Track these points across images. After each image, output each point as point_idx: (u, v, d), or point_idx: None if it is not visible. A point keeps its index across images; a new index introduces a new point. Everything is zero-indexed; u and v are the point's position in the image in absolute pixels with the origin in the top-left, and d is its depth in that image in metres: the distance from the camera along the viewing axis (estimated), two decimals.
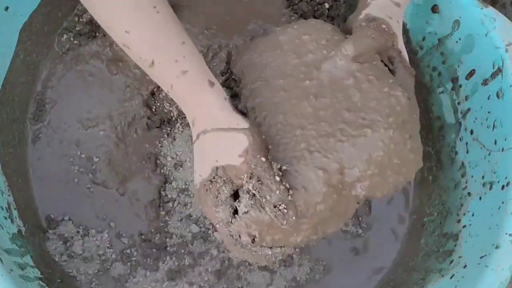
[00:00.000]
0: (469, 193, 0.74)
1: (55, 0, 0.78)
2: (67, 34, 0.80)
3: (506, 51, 0.69)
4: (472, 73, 0.74)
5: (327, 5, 0.84)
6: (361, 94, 0.62)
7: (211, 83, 0.58)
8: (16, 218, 0.71)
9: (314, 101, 0.62)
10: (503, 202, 0.66)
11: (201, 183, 0.59)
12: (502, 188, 0.67)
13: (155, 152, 0.76)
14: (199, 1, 0.80)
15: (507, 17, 0.72)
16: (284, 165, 0.58)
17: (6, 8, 0.71)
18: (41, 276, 0.68)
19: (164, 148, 0.76)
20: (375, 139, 0.60)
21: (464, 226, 0.72)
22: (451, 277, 0.68)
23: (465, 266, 0.67)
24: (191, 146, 0.75)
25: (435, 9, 0.76)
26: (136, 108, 0.77)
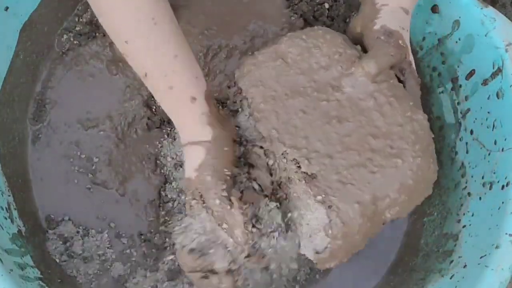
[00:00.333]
0: (469, 193, 0.74)
1: (55, 0, 0.78)
2: (67, 34, 0.80)
3: (506, 51, 0.69)
4: (472, 73, 0.74)
5: (327, 5, 0.84)
6: (384, 119, 0.62)
7: (193, 99, 0.59)
8: (16, 218, 0.71)
9: (338, 126, 0.61)
10: (503, 202, 0.66)
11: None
12: (502, 188, 0.67)
13: (155, 153, 0.76)
14: (199, 1, 0.80)
15: (507, 17, 0.72)
16: (318, 195, 0.59)
17: (6, 8, 0.71)
18: (41, 276, 0.68)
19: (164, 148, 0.76)
20: (404, 169, 0.60)
21: (464, 226, 0.72)
22: (451, 277, 0.68)
23: (465, 266, 0.67)
24: None
25: (435, 9, 0.76)
26: (136, 109, 0.77)
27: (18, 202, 0.72)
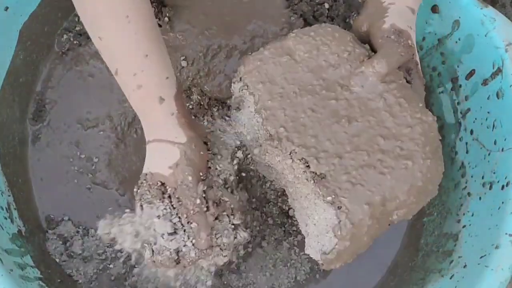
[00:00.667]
0: (469, 193, 0.74)
1: (55, 0, 0.78)
2: (67, 34, 0.80)
3: (506, 51, 0.69)
4: (472, 73, 0.74)
5: (327, 5, 0.84)
6: (393, 119, 0.61)
7: (161, 99, 0.59)
8: (16, 218, 0.71)
9: (347, 126, 0.61)
10: (503, 202, 0.66)
11: (136, 184, 0.62)
12: (502, 188, 0.67)
13: None
14: (199, 1, 0.80)
15: (507, 17, 0.72)
16: (328, 196, 0.59)
17: (6, 8, 0.71)
18: (41, 276, 0.68)
19: None
20: (414, 170, 0.60)
21: (464, 226, 0.72)
22: (451, 277, 0.68)
23: (465, 266, 0.67)
24: None
25: (435, 9, 0.76)
26: None
27: (18, 202, 0.72)
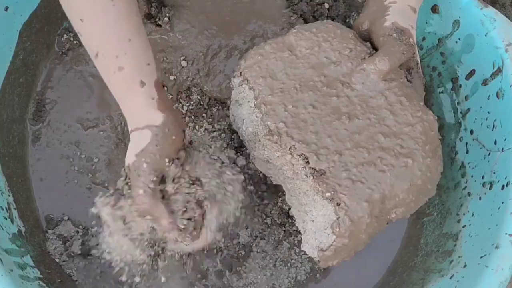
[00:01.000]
0: (469, 193, 0.74)
1: (55, 0, 0.78)
2: (67, 34, 0.80)
3: (506, 51, 0.69)
4: (472, 73, 0.74)
5: (326, 5, 0.84)
6: (394, 117, 0.61)
7: (142, 83, 0.58)
8: (16, 218, 0.71)
9: (348, 123, 0.61)
10: (503, 202, 0.66)
11: (120, 183, 0.61)
12: (502, 188, 0.67)
13: None
14: (199, 1, 0.80)
15: (507, 17, 0.72)
16: (327, 192, 0.58)
17: (6, 8, 0.71)
18: (41, 276, 0.68)
19: None
20: (414, 169, 0.60)
21: (464, 226, 0.72)
22: (451, 277, 0.68)
23: (465, 266, 0.67)
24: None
25: (435, 9, 0.76)
26: None
27: (18, 202, 0.72)
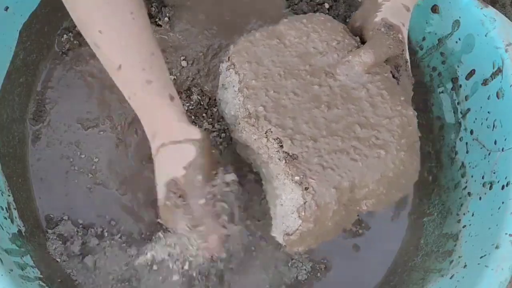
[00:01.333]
0: (469, 193, 0.74)
1: (55, 0, 0.78)
2: (67, 34, 0.80)
3: (506, 51, 0.69)
4: (472, 73, 0.74)
5: (327, 5, 0.84)
6: (373, 109, 0.62)
7: (172, 97, 0.59)
8: (16, 218, 0.71)
9: (327, 112, 0.61)
10: (503, 202, 0.66)
11: (160, 201, 0.61)
12: (502, 188, 0.67)
13: None
14: (199, 1, 0.80)
15: (507, 17, 0.72)
16: (296, 176, 0.58)
17: (6, 8, 0.71)
18: (41, 276, 0.68)
19: None
20: (387, 161, 0.60)
21: (464, 226, 0.72)
22: (451, 277, 0.68)
23: (465, 266, 0.67)
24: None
25: (435, 9, 0.76)
26: None
27: (18, 202, 0.72)
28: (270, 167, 0.63)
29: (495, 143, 0.70)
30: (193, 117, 0.77)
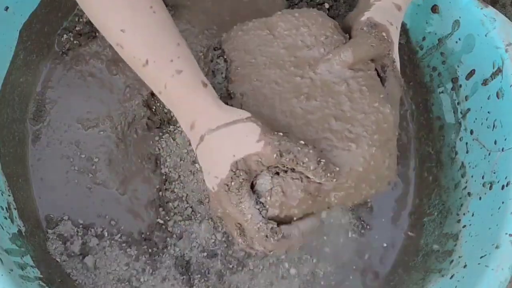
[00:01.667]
0: (469, 193, 0.74)
1: (55, 0, 0.78)
2: (67, 34, 0.80)
3: (506, 51, 0.69)
4: (472, 73, 0.74)
5: (327, 5, 0.84)
6: (351, 104, 0.62)
7: (205, 84, 0.58)
8: (16, 218, 0.71)
9: (305, 102, 0.62)
10: (503, 202, 0.66)
11: (219, 184, 0.58)
12: (502, 188, 0.67)
13: (155, 153, 0.76)
14: (199, 1, 0.80)
15: (507, 17, 0.72)
16: None
17: (6, 8, 0.71)
18: (41, 276, 0.68)
19: (164, 148, 0.76)
20: (357, 155, 0.60)
21: (464, 226, 0.72)
22: (451, 277, 0.68)
23: (465, 266, 0.67)
24: (189, 147, 0.75)
25: (435, 9, 0.76)
26: (136, 108, 0.77)
27: (18, 202, 0.72)
28: None
29: (495, 143, 0.70)
30: None
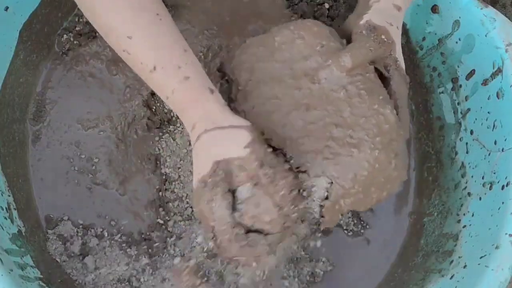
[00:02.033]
0: (469, 193, 0.74)
1: (55, 0, 0.78)
2: (67, 34, 0.80)
3: (506, 51, 0.69)
4: (472, 73, 0.74)
5: (327, 6, 0.84)
6: (351, 109, 0.62)
7: (211, 90, 0.59)
8: (16, 218, 0.71)
9: (305, 113, 0.62)
10: (503, 202, 0.66)
11: (199, 180, 0.58)
12: (502, 188, 0.67)
13: (155, 153, 0.76)
14: (199, 1, 0.80)
15: (507, 17, 0.72)
16: None
17: (6, 8, 0.71)
18: (41, 276, 0.68)
19: (164, 148, 0.76)
20: (360, 159, 0.60)
21: (464, 226, 0.72)
22: (451, 277, 0.68)
23: (465, 266, 0.67)
24: (189, 147, 0.75)
25: (435, 9, 0.76)
26: (136, 109, 0.77)
27: (18, 202, 0.72)
28: None
29: (495, 143, 0.70)
30: None
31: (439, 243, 0.75)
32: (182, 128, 0.76)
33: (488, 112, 0.72)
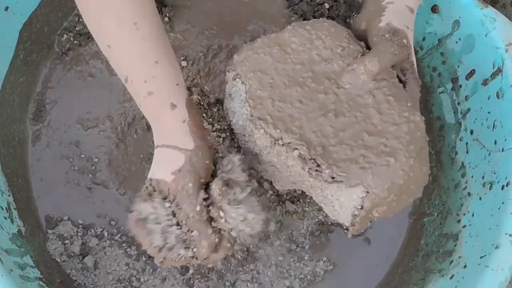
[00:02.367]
0: (469, 193, 0.74)
1: (55, 0, 0.78)
2: (67, 34, 0.80)
3: (506, 51, 0.69)
4: (472, 73, 0.74)
5: (327, 6, 0.84)
6: (380, 116, 0.61)
7: (173, 106, 0.59)
8: (16, 218, 0.71)
9: (334, 120, 0.61)
10: (503, 202, 0.66)
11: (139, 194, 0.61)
12: (502, 188, 0.67)
13: None
14: (199, 1, 0.80)
15: (507, 17, 0.72)
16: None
17: (6, 8, 0.71)
18: (41, 276, 0.68)
19: None
20: (396, 169, 0.59)
21: (464, 226, 0.72)
22: (451, 277, 0.68)
23: (465, 266, 0.67)
24: None
25: (435, 9, 0.76)
26: (136, 109, 0.77)
27: (18, 202, 0.72)
28: (281, 172, 0.64)
29: (495, 143, 0.70)
30: None
31: (439, 243, 0.75)
32: None
33: (488, 112, 0.72)
